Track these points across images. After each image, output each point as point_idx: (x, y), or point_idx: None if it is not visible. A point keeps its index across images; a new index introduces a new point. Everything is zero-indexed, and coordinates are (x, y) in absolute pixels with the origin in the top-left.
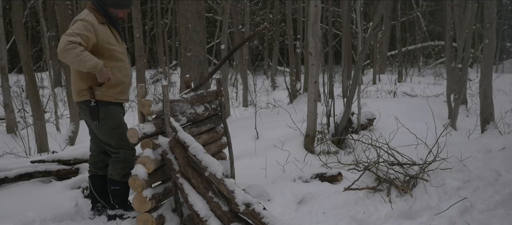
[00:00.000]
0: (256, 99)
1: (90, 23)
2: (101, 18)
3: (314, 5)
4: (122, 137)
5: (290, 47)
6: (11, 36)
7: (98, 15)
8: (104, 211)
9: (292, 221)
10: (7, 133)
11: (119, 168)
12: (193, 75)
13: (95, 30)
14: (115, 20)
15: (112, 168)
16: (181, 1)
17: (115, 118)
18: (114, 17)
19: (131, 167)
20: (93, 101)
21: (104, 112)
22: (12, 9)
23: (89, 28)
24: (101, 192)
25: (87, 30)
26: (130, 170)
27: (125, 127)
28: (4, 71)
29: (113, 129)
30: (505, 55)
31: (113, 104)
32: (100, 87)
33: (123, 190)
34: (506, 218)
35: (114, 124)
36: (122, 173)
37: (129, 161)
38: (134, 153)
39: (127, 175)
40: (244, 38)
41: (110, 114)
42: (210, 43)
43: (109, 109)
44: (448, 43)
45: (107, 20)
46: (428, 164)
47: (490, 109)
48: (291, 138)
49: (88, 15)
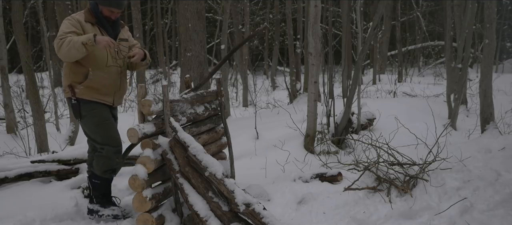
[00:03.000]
0: (256, 99)
1: (76, 20)
2: (91, 18)
3: (314, 5)
4: (107, 134)
5: (290, 47)
6: (11, 36)
7: (87, 15)
8: None
9: (292, 221)
10: (7, 133)
11: (101, 163)
12: (193, 75)
13: (82, 26)
14: (106, 22)
15: (95, 162)
16: (181, 1)
17: (97, 114)
18: (104, 18)
19: (113, 165)
20: (73, 99)
21: (86, 109)
22: (12, 9)
23: (76, 24)
24: None
25: (74, 26)
26: (112, 168)
27: (109, 123)
28: (4, 71)
29: (97, 125)
30: (505, 55)
31: (95, 103)
32: (80, 85)
33: (103, 185)
34: (506, 218)
35: (97, 120)
36: (103, 169)
37: (111, 158)
38: (119, 150)
39: (108, 172)
40: (244, 38)
41: (92, 111)
42: (210, 43)
43: (91, 106)
44: (448, 43)
45: (96, 20)
46: (428, 164)
47: (490, 109)
48: (291, 138)
49: (77, 14)
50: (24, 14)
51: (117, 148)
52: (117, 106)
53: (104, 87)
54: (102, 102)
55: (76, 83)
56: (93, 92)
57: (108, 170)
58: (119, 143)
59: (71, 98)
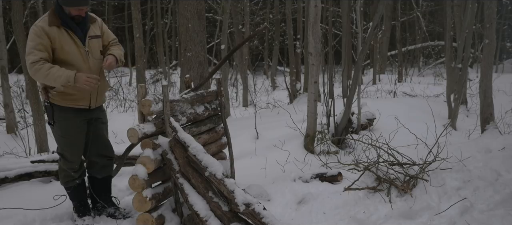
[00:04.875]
0: (256, 99)
1: (40, 28)
2: (55, 20)
3: (314, 5)
4: (66, 147)
5: (290, 47)
6: (11, 36)
7: (52, 18)
8: (104, 211)
9: (292, 221)
10: (7, 133)
11: (62, 175)
12: (193, 75)
13: (47, 34)
14: (71, 22)
15: (58, 172)
16: (181, 1)
17: (65, 126)
18: (69, 18)
19: (71, 176)
20: (46, 102)
21: (57, 116)
22: (12, 9)
23: (40, 33)
24: (100, 193)
25: (39, 37)
26: (71, 179)
27: (74, 138)
28: (4, 71)
29: (61, 136)
30: (505, 55)
31: (68, 110)
32: (52, 90)
33: (72, 195)
34: (506, 218)
35: (62, 132)
36: (63, 180)
37: (66, 171)
38: (73, 167)
39: (69, 182)
40: (244, 38)
41: (61, 121)
42: (210, 43)
43: (62, 116)
44: (448, 43)
45: (61, 22)
46: (428, 164)
47: (490, 109)
48: (291, 138)
49: (40, 21)
50: (24, 14)
51: (71, 164)
52: (99, 106)
53: (77, 92)
54: (76, 107)
55: (49, 87)
56: (66, 97)
57: (69, 181)
58: (74, 160)
59: (44, 101)
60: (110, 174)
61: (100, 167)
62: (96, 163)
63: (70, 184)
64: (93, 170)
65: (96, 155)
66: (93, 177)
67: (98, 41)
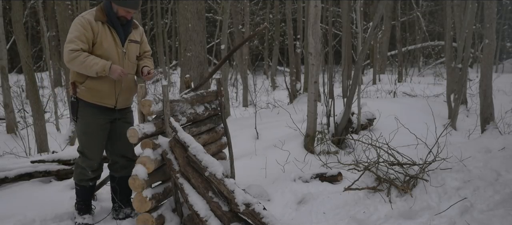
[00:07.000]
0: (256, 99)
1: (87, 20)
2: (102, 16)
3: (314, 5)
4: (87, 144)
5: (290, 47)
6: (11, 36)
7: (99, 13)
8: (121, 211)
9: (292, 221)
10: (7, 133)
11: (77, 172)
12: (193, 75)
13: (92, 27)
14: (116, 21)
15: (75, 168)
16: (181, 1)
17: (89, 123)
18: (116, 17)
19: (87, 175)
20: (73, 97)
21: (82, 112)
22: (12, 9)
23: (86, 25)
24: (118, 192)
25: (84, 28)
26: (85, 178)
27: (96, 136)
28: (4, 71)
29: (84, 132)
30: (505, 55)
31: (94, 107)
32: (81, 85)
33: (81, 192)
34: (506, 218)
35: (85, 129)
36: (78, 178)
37: (84, 169)
38: (92, 165)
39: (83, 181)
40: (244, 38)
41: (85, 117)
42: (210, 43)
43: (87, 111)
44: (448, 43)
45: (107, 19)
46: (428, 164)
47: (490, 109)
48: (291, 138)
49: (87, 13)
50: (24, 14)
51: (90, 162)
52: (126, 108)
53: (106, 88)
54: (102, 106)
55: (78, 82)
56: (94, 94)
57: (82, 180)
58: (94, 158)
59: (71, 96)
60: (129, 174)
61: (120, 166)
62: (116, 163)
63: (83, 183)
64: (112, 169)
65: (117, 154)
66: (112, 176)
67: (136, 47)
